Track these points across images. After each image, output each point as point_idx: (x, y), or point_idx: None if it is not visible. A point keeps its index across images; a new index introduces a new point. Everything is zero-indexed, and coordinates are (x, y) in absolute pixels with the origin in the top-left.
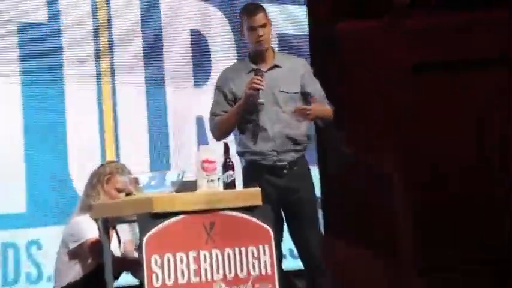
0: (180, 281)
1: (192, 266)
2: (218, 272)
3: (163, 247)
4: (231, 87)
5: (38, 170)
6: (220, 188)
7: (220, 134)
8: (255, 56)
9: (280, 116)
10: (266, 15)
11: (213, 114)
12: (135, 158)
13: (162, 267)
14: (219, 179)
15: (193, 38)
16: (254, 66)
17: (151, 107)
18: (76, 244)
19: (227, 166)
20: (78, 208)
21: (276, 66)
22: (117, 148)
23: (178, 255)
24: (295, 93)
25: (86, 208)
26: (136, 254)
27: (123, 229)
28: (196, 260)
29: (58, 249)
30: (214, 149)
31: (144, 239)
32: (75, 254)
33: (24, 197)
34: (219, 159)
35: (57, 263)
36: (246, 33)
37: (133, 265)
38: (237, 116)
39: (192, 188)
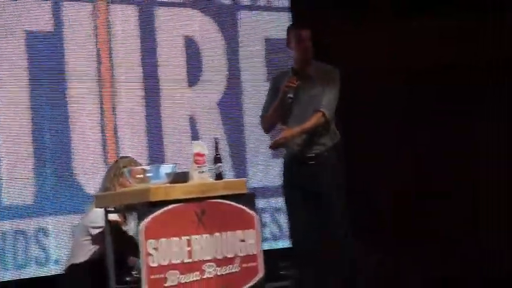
0: (174, 261)
1: (185, 249)
2: (208, 254)
3: (159, 232)
4: (275, 90)
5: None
6: (210, 178)
7: (265, 126)
8: (298, 65)
9: (302, 115)
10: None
11: (263, 110)
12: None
13: (157, 249)
14: (208, 170)
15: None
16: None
17: (149, 105)
18: (97, 231)
19: (217, 159)
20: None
21: (308, 74)
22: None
23: (173, 239)
24: (315, 95)
25: None
26: None
27: None
28: (189, 243)
29: (76, 233)
30: (205, 144)
31: (142, 225)
32: (96, 239)
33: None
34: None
35: (74, 245)
36: (294, 45)
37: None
38: (276, 110)
39: (184, 179)
